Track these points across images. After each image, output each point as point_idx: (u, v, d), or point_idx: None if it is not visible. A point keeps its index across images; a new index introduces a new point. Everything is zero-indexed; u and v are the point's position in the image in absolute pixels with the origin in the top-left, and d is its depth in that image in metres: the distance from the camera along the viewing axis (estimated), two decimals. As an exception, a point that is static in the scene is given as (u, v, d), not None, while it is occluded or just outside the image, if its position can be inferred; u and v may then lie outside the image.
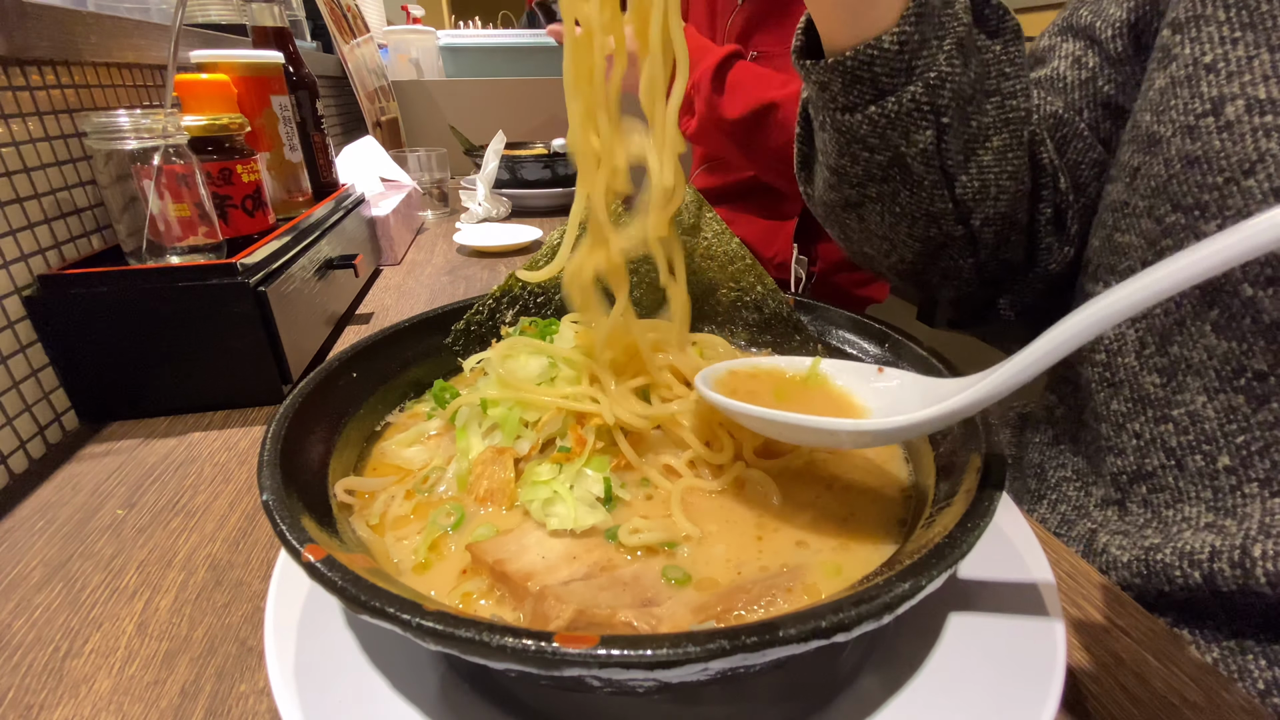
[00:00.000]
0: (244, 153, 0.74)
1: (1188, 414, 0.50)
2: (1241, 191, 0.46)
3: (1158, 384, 0.52)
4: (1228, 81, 0.48)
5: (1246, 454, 0.47)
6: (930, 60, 0.52)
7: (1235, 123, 0.47)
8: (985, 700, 0.29)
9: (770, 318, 0.54)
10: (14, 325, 0.60)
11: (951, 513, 0.30)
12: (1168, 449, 0.51)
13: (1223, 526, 0.46)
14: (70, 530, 0.50)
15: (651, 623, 0.29)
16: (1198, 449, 0.49)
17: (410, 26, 2.32)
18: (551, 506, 0.36)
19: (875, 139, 0.55)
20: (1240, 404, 0.47)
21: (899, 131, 0.54)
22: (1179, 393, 0.50)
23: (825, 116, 0.57)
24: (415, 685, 0.31)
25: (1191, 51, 0.51)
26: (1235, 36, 0.49)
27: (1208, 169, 0.48)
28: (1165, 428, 0.51)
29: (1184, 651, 0.38)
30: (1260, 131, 0.45)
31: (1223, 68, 0.49)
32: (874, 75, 0.52)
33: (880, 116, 0.53)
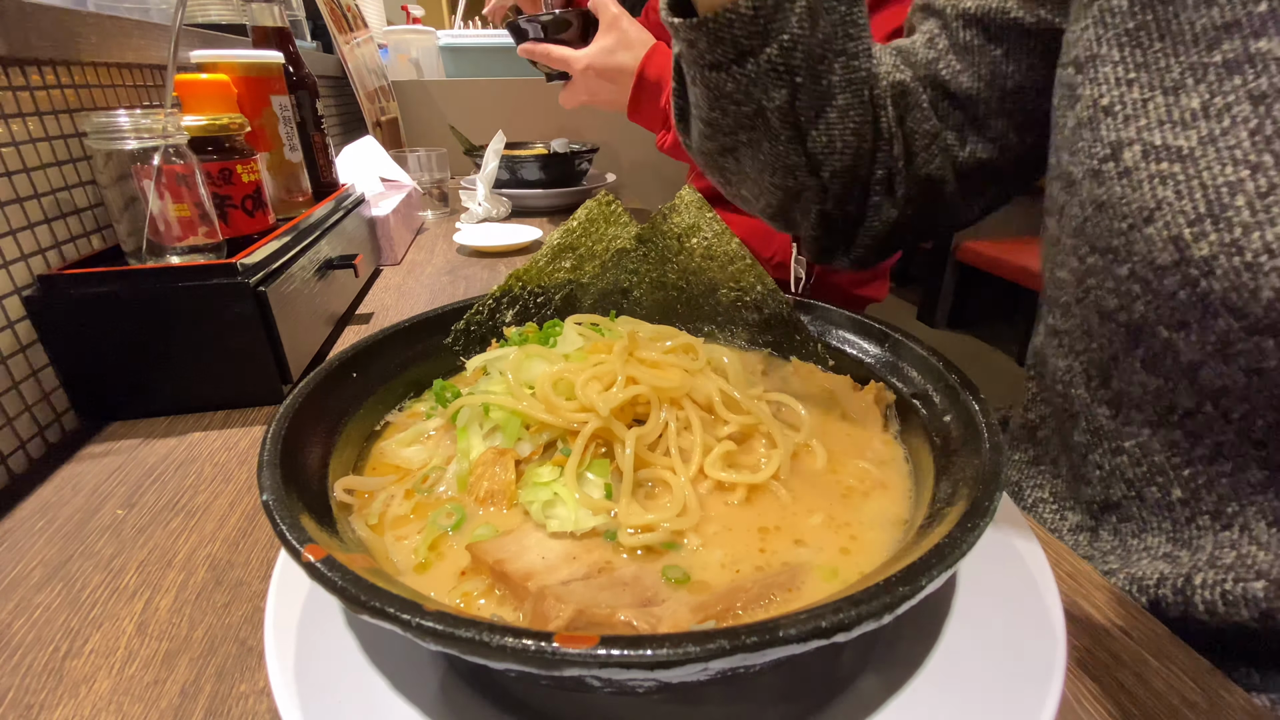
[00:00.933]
0: (244, 153, 0.74)
1: (1139, 446, 0.51)
2: (1144, 239, 0.46)
3: (1108, 415, 0.53)
4: (1124, 126, 0.49)
5: (1195, 487, 0.48)
6: (784, 23, 0.56)
7: (1133, 169, 0.47)
8: (985, 700, 0.29)
9: (770, 318, 0.54)
10: (14, 325, 0.60)
11: (952, 513, 0.30)
12: (1126, 480, 0.52)
13: (1176, 557, 0.47)
14: (70, 530, 0.50)
15: (651, 622, 0.29)
16: (1152, 481, 0.50)
17: (410, 26, 2.32)
18: (552, 508, 0.36)
19: (740, 95, 0.60)
20: (1180, 439, 0.48)
21: (759, 88, 0.59)
22: (1127, 424, 0.51)
23: (695, 72, 0.62)
24: (415, 685, 0.31)
25: (1091, 93, 0.52)
26: (1130, 78, 0.49)
27: (1113, 214, 0.48)
28: (1121, 459, 0.52)
29: (1184, 651, 0.38)
30: (1157, 179, 0.46)
31: (1119, 111, 0.49)
32: (734, 36, 0.57)
33: (741, 75, 0.58)
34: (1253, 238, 0.42)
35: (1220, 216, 0.43)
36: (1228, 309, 0.43)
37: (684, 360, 0.44)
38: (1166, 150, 0.46)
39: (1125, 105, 0.49)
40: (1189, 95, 0.46)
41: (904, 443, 0.43)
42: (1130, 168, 0.48)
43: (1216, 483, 0.47)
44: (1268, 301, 0.41)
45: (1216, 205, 0.43)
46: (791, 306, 0.53)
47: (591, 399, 0.39)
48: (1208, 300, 0.43)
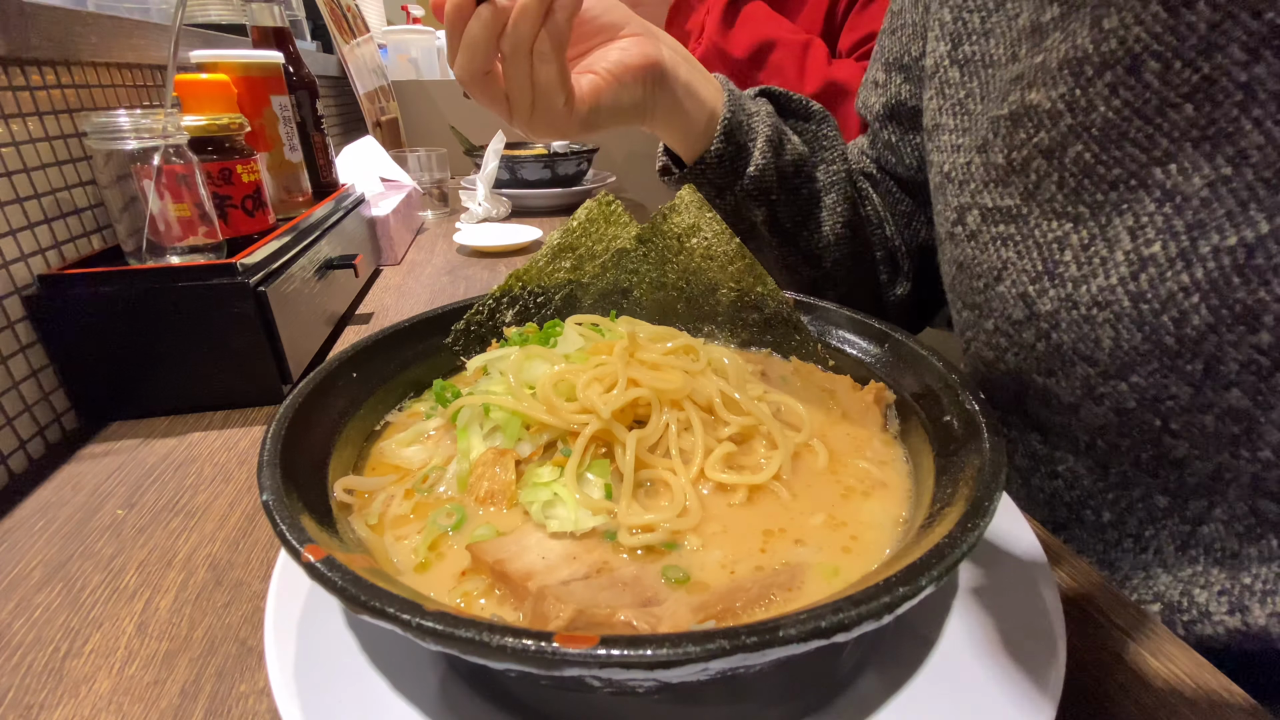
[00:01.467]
0: (244, 153, 0.74)
1: (1069, 470, 0.52)
2: (997, 296, 0.48)
3: (1040, 441, 0.54)
4: (960, 190, 0.51)
5: (1119, 510, 0.49)
6: (747, 159, 0.66)
7: (977, 232, 0.50)
8: (985, 700, 0.29)
9: (770, 318, 0.54)
10: (14, 325, 0.60)
11: (951, 513, 0.30)
12: (1065, 503, 0.54)
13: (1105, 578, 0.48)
14: (70, 530, 0.50)
15: (651, 622, 0.29)
16: (1086, 504, 0.52)
17: (410, 26, 2.32)
18: (552, 508, 0.36)
19: (732, 217, 0.69)
20: (1094, 466, 0.50)
21: (745, 209, 0.69)
22: (1056, 450, 0.53)
23: None
24: (415, 685, 0.31)
25: (937, 160, 0.56)
26: (958, 143, 0.52)
27: (970, 274, 0.51)
28: (1058, 483, 0.54)
29: (1184, 651, 0.38)
30: (999, 240, 0.48)
31: (956, 176, 0.52)
32: (710, 179, 0.68)
33: (723, 205, 0.69)
34: (1081, 291, 0.43)
35: (1054, 273, 0.44)
36: (1080, 357, 0.44)
37: (684, 362, 0.44)
38: (998, 211, 0.47)
39: (958, 170, 0.51)
40: (994, 153, 0.47)
41: (904, 443, 0.43)
42: (974, 230, 0.50)
43: (1134, 508, 0.48)
44: (1110, 349, 0.42)
45: (1050, 261, 0.45)
46: (792, 306, 0.53)
47: (593, 401, 0.39)
48: (1061, 350, 0.45)
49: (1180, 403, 0.42)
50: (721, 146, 0.65)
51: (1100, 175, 0.41)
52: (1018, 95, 0.44)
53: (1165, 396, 0.42)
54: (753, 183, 0.67)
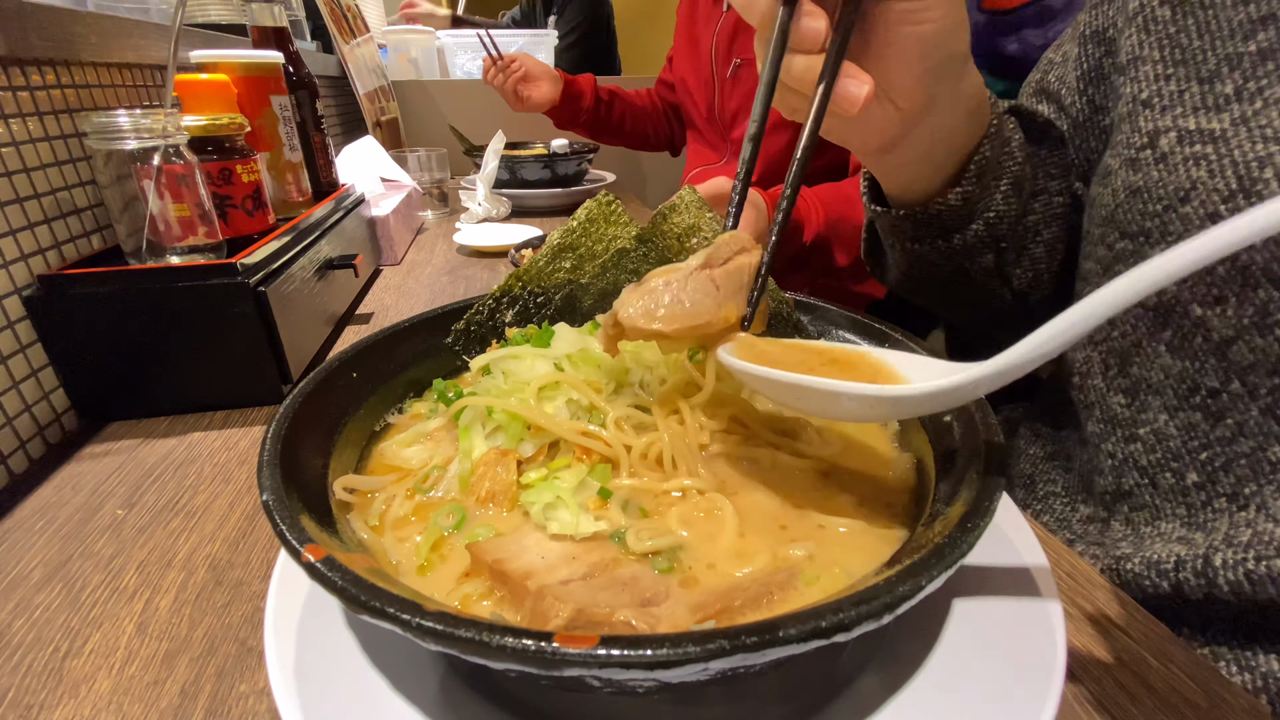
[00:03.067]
0: (244, 153, 0.74)
1: (1153, 433, 0.51)
2: (1180, 218, 0.48)
3: (1123, 404, 0.54)
4: (1161, 115, 0.50)
5: (1211, 470, 0.48)
6: (989, 202, 0.58)
7: (1169, 154, 0.49)
8: (985, 700, 0.29)
9: (770, 317, 0.54)
10: (14, 325, 0.60)
11: (952, 512, 0.30)
12: (1140, 468, 0.53)
13: (1190, 539, 0.48)
14: (70, 530, 0.50)
15: (650, 622, 0.29)
16: (1167, 466, 0.51)
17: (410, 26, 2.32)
18: (553, 511, 0.36)
19: (941, 261, 0.61)
20: (1199, 421, 0.49)
21: (963, 256, 0.61)
22: (1143, 411, 0.52)
23: (895, 242, 0.64)
24: (415, 685, 0.31)
25: (1132, 90, 0.54)
26: (1168, 73, 0.51)
27: (1148, 198, 0.50)
28: (1135, 447, 0.53)
29: (1184, 651, 0.38)
30: (1191, 161, 0.47)
31: (1157, 102, 0.51)
32: (940, 222, 0.59)
33: (947, 249, 0.60)
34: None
35: (1251, 191, 0.44)
36: (1269, 279, 0.43)
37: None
38: (1200, 134, 0.47)
39: (1162, 97, 0.51)
40: (1223, 82, 0.47)
41: (904, 443, 0.43)
42: (1166, 153, 0.49)
43: (1235, 464, 0.47)
44: None
45: (1247, 180, 0.44)
46: (792, 306, 0.53)
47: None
48: (1248, 272, 0.44)
49: None
50: (970, 190, 0.56)
51: None
52: (1272, 34, 0.45)
53: None
54: (988, 229, 0.58)
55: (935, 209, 0.57)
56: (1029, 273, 0.64)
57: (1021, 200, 0.59)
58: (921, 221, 0.59)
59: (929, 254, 0.61)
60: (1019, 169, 0.58)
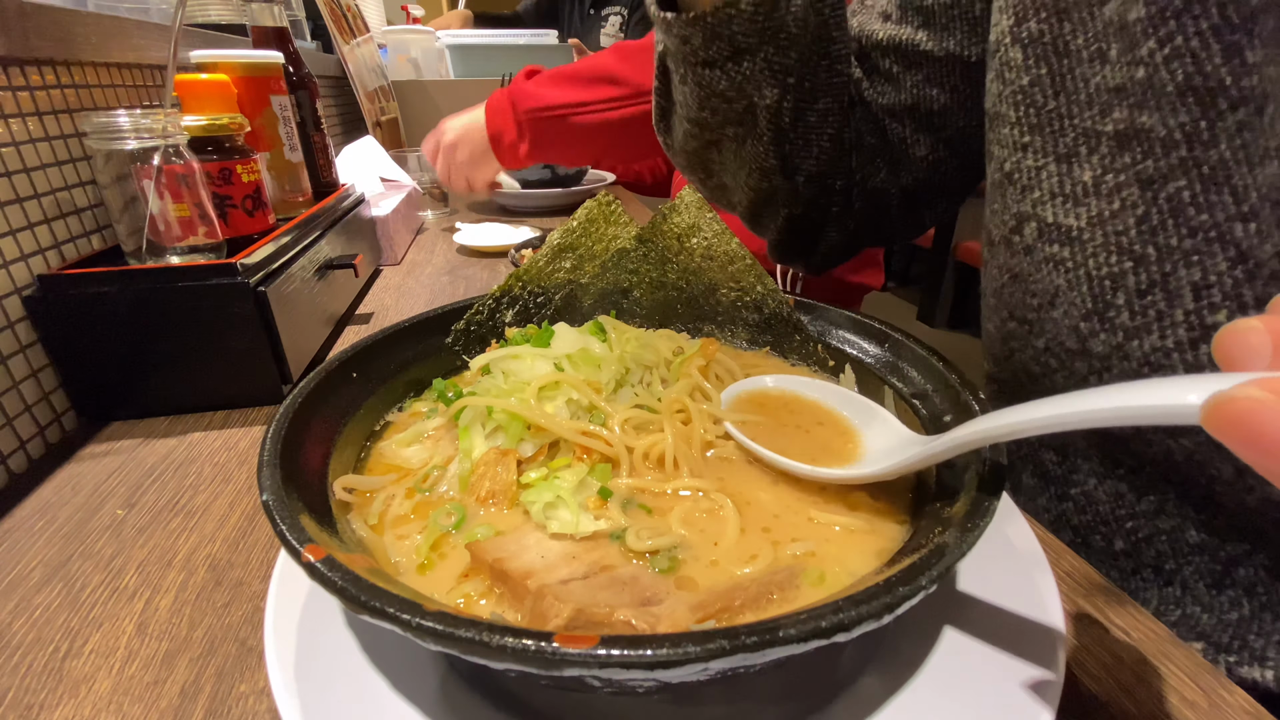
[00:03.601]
0: (244, 153, 0.74)
1: (1084, 494, 0.50)
2: (1051, 320, 0.45)
3: (1055, 461, 0.52)
4: (1022, 197, 0.47)
5: (1136, 539, 0.47)
6: (780, 22, 0.54)
7: (1033, 247, 0.46)
8: (985, 700, 0.29)
9: (770, 318, 0.54)
10: (14, 325, 0.60)
11: (952, 512, 0.30)
12: (1072, 526, 0.52)
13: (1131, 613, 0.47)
14: (70, 530, 0.50)
15: (650, 621, 0.29)
16: (1096, 530, 0.50)
17: (410, 26, 2.32)
18: (554, 510, 0.36)
19: (732, 92, 0.58)
20: (1125, 491, 0.47)
21: (753, 85, 0.57)
22: (1074, 472, 0.51)
23: (686, 70, 0.60)
24: (415, 685, 0.31)
25: (999, 154, 0.50)
26: (1025, 142, 0.47)
27: (1025, 289, 0.48)
28: (1067, 505, 0.52)
29: (1184, 651, 0.38)
30: (1051, 264, 0.44)
31: (1018, 179, 0.47)
32: (731, 34, 0.54)
33: (736, 73, 0.57)
34: (1134, 345, 0.40)
35: (1105, 315, 0.42)
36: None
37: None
38: (1058, 230, 0.44)
39: (1022, 173, 0.47)
40: (1081, 167, 0.43)
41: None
42: (1030, 245, 0.46)
43: (1155, 539, 0.46)
44: None
45: (1100, 301, 0.42)
46: (791, 306, 0.53)
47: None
48: None
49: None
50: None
51: (1188, 217, 0.38)
52: (1125, 114, 0.40)
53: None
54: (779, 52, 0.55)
55: (727, 13, 0.53)
56: (801, 139, 0.62)
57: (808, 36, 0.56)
58: (713, 31, 0.55)
59: (720, 83, 0.57)
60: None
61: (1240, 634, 0.43)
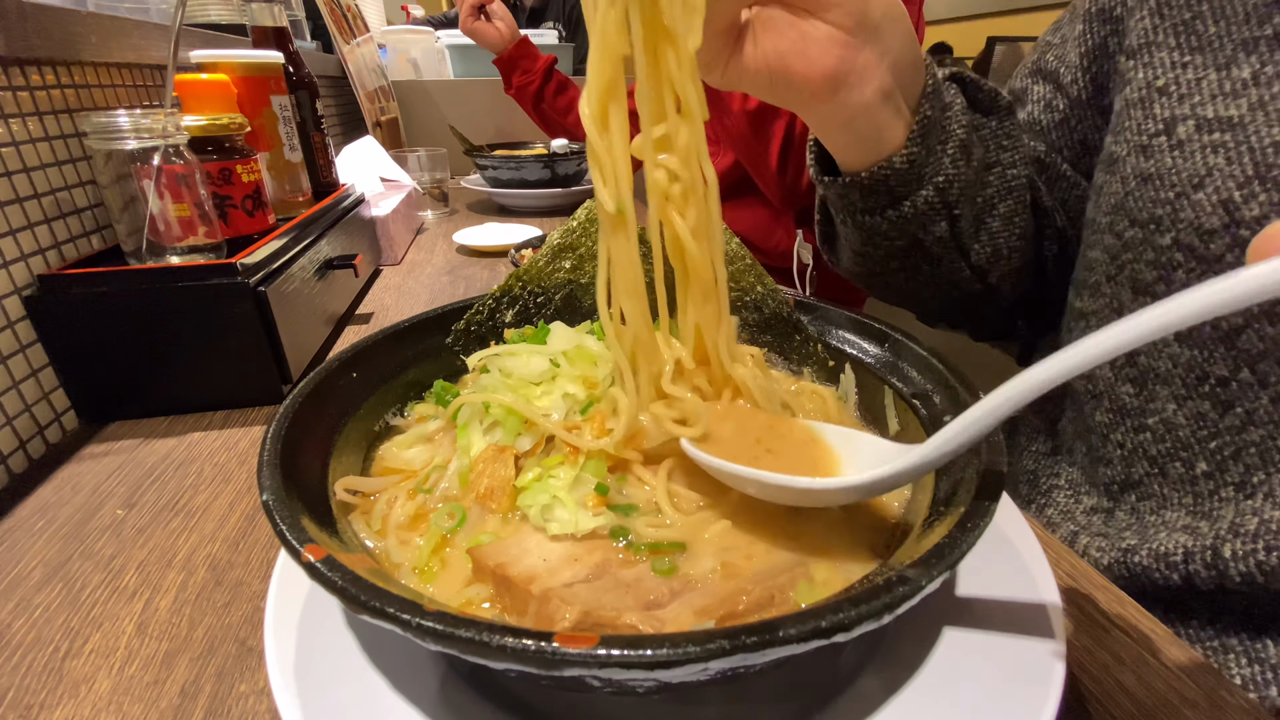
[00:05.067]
0: (244, 153, 0.74)
1: (1162, 422, 0.51)
2: (1192, 205, 0.48)
3: (1131, 394, 0.53)
4: (1179, 103, 0.51)
5: (1220, 459, 0.48)
6: (937, 166, 0.56)
7: (1186, 141, 0.49)
8: (985, 700, 0.29)
9: (770, 318, 0.54)
10: (14, 325, 0.60)
11: (952, 512, 0.30)
12: (1149, 457, 0.53)
13: (1196, 528, 0.48)
14: (70, 530, 0.50)
15: (655, 625, 0.29)
16: (1176, 456, 0.51)
17: (410, 26, 2.32)
18: (551, 511, 0.36)
19: (894, 233, 0.60)
20: (1208, 410, 0.49)
21: (915, 225, 0.58)
22: (1152, 401, 0.52)
23: (846, 217, 0.62)
24: (415, 685, 0.31)
25: (1145, 76, 0.54)
26: (1185, 60, 0.51)
27: (1160, 184, 0.50)
28: (1144, 436, 0.53)
29: (1184, 651, 0.38)
30: (1209, 148, 0.48)
31: (1174, 90, 0.51)
32: (889, 188, 0.56)
33: (898, 217, 0.58)
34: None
35: (1268, 177, 0.44)
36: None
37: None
38: (1218, 121, 0.48)
39: (1180, 85, 0.51)
40: (1240, 67, 0.48)
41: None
42: (1183, 140, 0.49)
43: (1244, 452, 0.47)
44: None
45: (1264, 166, 0.45)
46: (791, 306, 0.53)
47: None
48: None
49: None
50: (915, 151, 0.54)
51: None
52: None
53: None
54: (939, 194, 0.56)
55: (882, 173, 0.55)
56: (987, 247, 0.63)
57: (971, 166, 0.58)
58: (869, 188, 0.57)
59: (880, 225, 0.59)
60: (964, 133, 0.57)
61: None
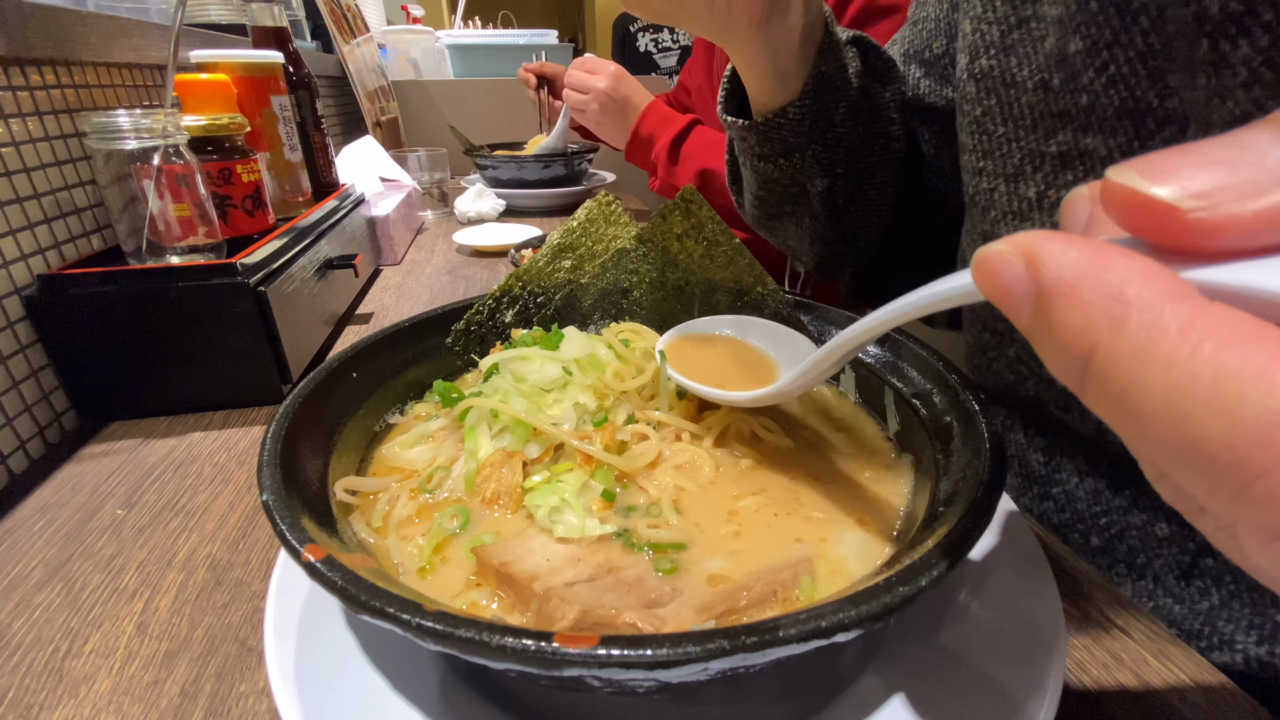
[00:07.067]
0: (244, 153, 0.74)
1: (1064, 492, 0.53)
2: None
3: (1041, 462, 0.55)
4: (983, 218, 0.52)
5: (1110, 535, 0.50)
6: (827, 123, 0.60)
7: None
8: (985, 700, 0.29)
9: (770, 318, 0.54)
10: (14, 325, 0.60)
11: (952, 512, 0.30)
12: (1052, 525, 0.54)
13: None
14: (70, 530, 0.50)
15: (655, 623, 0.29)
16: (1074, 528, 0.52)
17: (410, 26, 2.32)
18: (559, 514, 0.36)
19: (785, 180, 0.65)
20: (1103, 488, 0.50)
21: (804, 176, 0.64)
22: (1057, 472, 0.53)
23: (746, 159, 0.67)
24: (415, 685, 0.31)
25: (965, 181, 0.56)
26: (979, 166, 0.52)
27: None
28: (1048, 504, 0.54)
29: (1184, 651, 0.38)
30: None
31: (979, 202, 0.53)
32: (782, 137, 0.61)
33: (787, 166, 0.63)
34: None
35: None
36: None
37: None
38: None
39: (980, 194, 0.52)
40: (1026, 184, 0.48)
41: (904, 443, 0.43)
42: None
43: (1127, 534, 0.49)
44: None
45: None
46: (792, 306, 0.53)
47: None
48: None
49: None
50: (809, 104, 0.58)
51: None
52: (1069, 137, 0.44)
53: None
54: (826, 151, 0.61)
55: (777, 121, 0.60)
56: (860, 211, 0.67)
57: (858, 129, 0.62)
58: (765, 135, 0.62)
59: (773, 173, 0.64)
60: (856, 95, 0.60)
61: (1210, 621, 0.45)
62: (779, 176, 0.64)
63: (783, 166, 0.63)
